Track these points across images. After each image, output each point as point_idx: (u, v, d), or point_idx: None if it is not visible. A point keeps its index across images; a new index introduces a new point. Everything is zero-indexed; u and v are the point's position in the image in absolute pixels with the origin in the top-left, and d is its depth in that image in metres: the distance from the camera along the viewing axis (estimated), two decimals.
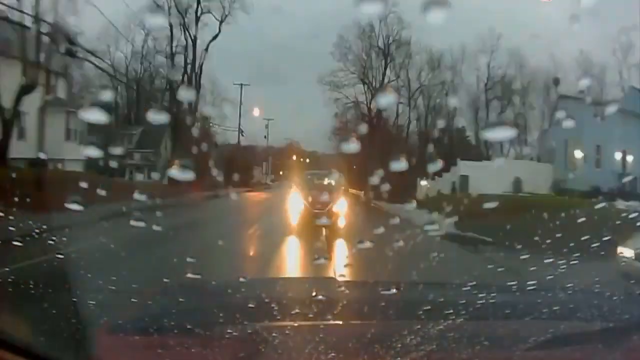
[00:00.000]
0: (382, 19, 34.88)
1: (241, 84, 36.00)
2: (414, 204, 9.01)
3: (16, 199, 8.77)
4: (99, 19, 28.18)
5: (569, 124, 2.90)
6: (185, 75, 34.63)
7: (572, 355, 1.60)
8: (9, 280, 4.43)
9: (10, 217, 7.32)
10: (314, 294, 1.91)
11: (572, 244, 5.05)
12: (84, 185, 3.48)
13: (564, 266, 3.87)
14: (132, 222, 2.55)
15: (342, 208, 12.96)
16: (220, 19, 34.88)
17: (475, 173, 21.02)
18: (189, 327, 1.64)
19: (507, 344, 1.65)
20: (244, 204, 23.25)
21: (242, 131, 37.38)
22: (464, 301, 1.85)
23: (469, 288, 2.19)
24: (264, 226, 14.04)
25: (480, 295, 1.95)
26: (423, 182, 25.78)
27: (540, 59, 42.11)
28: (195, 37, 35.11)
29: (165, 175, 28.05)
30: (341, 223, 12.50)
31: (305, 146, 46.08)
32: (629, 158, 22.04)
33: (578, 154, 21.26)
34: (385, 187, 3.26)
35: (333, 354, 1.48)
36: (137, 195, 3.02)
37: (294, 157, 44.13)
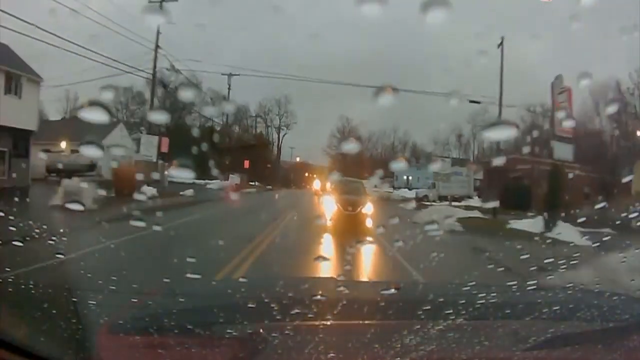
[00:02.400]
0: None
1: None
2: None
3: None
4: None
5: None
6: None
7: (572, 355, 1.59)
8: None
9: None
10: (314, 294, 1.91)
11: None
12: None
13: None
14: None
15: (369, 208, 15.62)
16: None
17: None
18: (189, 327, 1.64)
19: (507, 344, 1.65)
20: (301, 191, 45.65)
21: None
22: (464, 301, 1.84)
23: (469, 288, 2.18)
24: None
25: (480, 295, 1.94)
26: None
27: None
28: None
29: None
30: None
31: (311, 161, 65.85)
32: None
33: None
34: None
35: (333, 354, 1.48)
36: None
37: (306, 174, 64.15)
